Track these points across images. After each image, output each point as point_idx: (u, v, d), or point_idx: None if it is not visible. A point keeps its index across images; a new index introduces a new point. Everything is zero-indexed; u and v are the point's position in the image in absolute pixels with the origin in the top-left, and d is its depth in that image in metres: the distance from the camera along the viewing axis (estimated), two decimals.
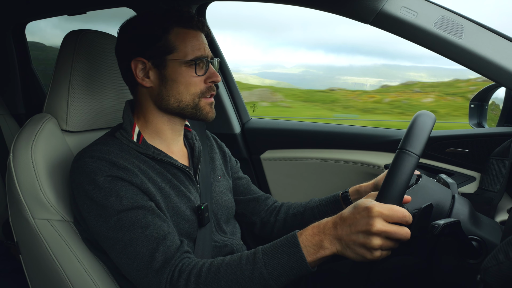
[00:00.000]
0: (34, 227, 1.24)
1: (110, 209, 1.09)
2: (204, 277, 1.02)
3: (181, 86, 1.23)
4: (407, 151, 0.98)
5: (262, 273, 0.98)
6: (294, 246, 0.98)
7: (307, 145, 2.11)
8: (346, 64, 27.64)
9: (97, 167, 1.12)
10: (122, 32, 1.27)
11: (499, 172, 1.59)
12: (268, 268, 0.98)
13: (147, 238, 1.08)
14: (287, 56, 46.30)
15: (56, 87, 1.35)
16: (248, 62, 30.54)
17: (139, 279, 1.07)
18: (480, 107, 2.05)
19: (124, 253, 1.08)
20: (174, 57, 1.21)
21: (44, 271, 1.29)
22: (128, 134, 1.25)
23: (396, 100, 12.24)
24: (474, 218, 1.12)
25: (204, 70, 1.26)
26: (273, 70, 23.46)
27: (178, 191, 1.25)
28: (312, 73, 15.87)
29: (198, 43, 1.24)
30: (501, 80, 1.22)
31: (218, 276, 1.01)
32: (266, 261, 0.99)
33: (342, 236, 0.95)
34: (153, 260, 1.06)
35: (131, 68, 1.24)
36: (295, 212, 1.55)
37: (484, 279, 0.75)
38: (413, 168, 0.98)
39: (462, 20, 1.25)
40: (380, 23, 1.29)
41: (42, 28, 4.04)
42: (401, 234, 0.92)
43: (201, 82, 1.25)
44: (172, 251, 1.08)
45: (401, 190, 0.98)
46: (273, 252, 1.00)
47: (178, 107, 1.25)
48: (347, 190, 1.47)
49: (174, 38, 1.22)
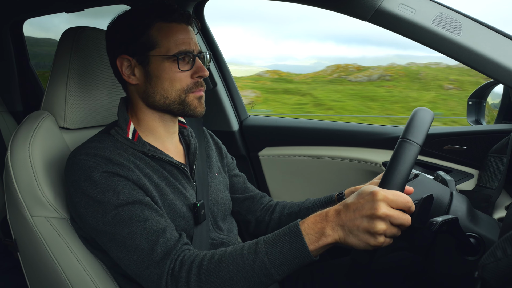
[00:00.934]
0: (32, 225, 1.24)
1: (107, 204, 1.09)
2: (205, 268, 1.01)
3: (165, 83, 1.21)
4: (408, 140, 0.98)
5: (264, 262, 0.98)
6: (296, 234, 0.98)
7: (305, 142, 2.11)
8: (358, 55, 27.61)
9: (93, 164, 1.12)
10: (108, 30, 1.26)
11: (497, 169, 1.59)
12: (270, 257, 0.98)
13: (146, 231, 1.07)
14: (298, 48, 45.83)
15: (54, 84, 1.34)
16: (260, 55, 30.41)
17: (139, 271, 1.07)
18: (478, 104, 2.06)
19: (124, 247, 1.08)
20: (156, 53, 1.20)
21: (42, 268, 1.29)
22: (123, 131, 1.24)
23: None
24: (472, 215, 1.13)
25: (190, 65, 1.23)
26: (285, 62, 23.36)
27: (174, 188, 1.25)
28: (324, 64, 15.89)
29: (182, 37, 1.22)
30: (499, 77, 1.22)
31: (219, 266, 1.01)
32: (268, 250, 0.99)
33: (346, 222, 0.94)
34: (154, 252, 1.05)
35: (118, 66, 1.23)
36: (290, 211, 1.55)
37: (482, 275, 0.75)
38: (415, 157, 0.98)
39: (460, 17, 1.25)
40: (378, 21, 1.28)
41: (56, 24, 4.04)
42: (404, 220, 0.92)
43: (187, 77, 1.23)
44: (173, 243, 1.08)
45: (403, 178, 0.98)
46: (275, 241, 1.00)
47: (164, 104, 1.24)
48: (342, 191, 1.46)
49: (156, 33, 1.20)
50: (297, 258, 0.97)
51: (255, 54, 31.84)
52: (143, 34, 1.19)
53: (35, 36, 3.60)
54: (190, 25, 1.27)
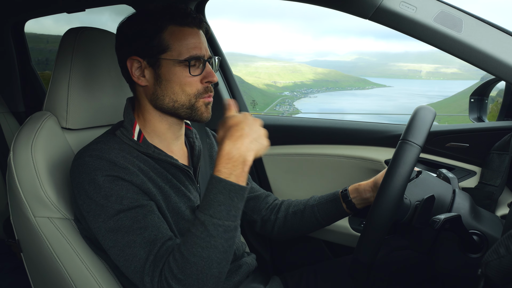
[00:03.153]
0: (35, 225, 1.24)
1: (109, 209, 1.09)
2: (175, 268, 1.02)
3: (176, 86, 1.20)
4: (409, 141, 0.99)
5: (215, 224, 1.01)
6: (218, 182, 1.03)
7: (307, 141, 2.11)
8: (401, 51, 27.26)
9: (97, 166, 1.12)
10: (119, 30, 1.25)
11: (499, 166, 1.59)
12: (215, 215, 1.02)
13: (145, 240, 1.08)
14: (338, 44, 47.06)
15: (56, 85, 1.35)
16: (301, 50, 30.49)
17: (137, 281, 1.08)
18: (480, 102, 2.05)
19: (122, 255, 1.08)
20: (168, 57, 1.19)
21: (45, 269, 1.29)
22: (128, 132, 1.24)
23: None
24: (474, 213, 1.13)
25: (201, 70, 1.22)
26: (325, 58, 23.24)
27: (178, 191, 1.25)
28: (365, 60, 15.61)
29: (193, 42, 1.21)
30: (501, 75, 1.22)
31: (186, 259, 1.02)
32: (209, 213, 1.02)
33: (236, 142, 1.06)
34: (147, 263, 1.06)
35: (128, 67, 1.22)
36: (295, 210, 1.55)
37: (485, 273, 0.75)
38: (416, 158, 0.98)
39: (462, 14, 1.25)
40: (380, 19, 1.28)
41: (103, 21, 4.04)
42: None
43: (197, 82, 1.22)
44: (162, 253, 1.08)
45: (403, 180, 0.98)
46: (207, 202, 1.03)
47: (173, 107, 1.23)
48: (346, 188, 1.46)
49: (168, 36, 1.19)
50: (235, 196, 1.03)
51: (296, 50, 31.89)
52: (155, 37, 1.18)
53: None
54: (202, 29, 1.27)
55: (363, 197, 1.42)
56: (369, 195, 1.41)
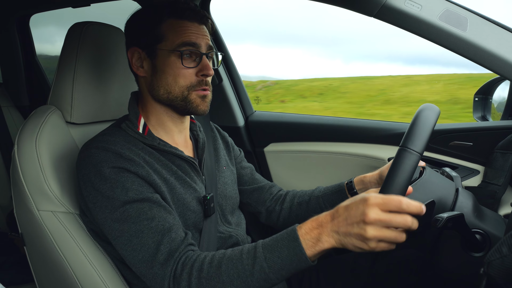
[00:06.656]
0: (39, 219, 1.25)
1: (115, 200, 1.10)
2: (206, 271, 1.02)
3: (169, 77, 1.22)
4: (408, 149, 0.98)
5: (262, 267, 0.99)
6: (294, 240, 0.98)
7: (310, 138, 2.11)
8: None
9: (104, 158, 1.13)
10: (126, 24, 1.29)
11: (503, 165, 1.59)
12: (269, 262, 0.99)
13: (153, 230, 1.08)
14: (369, 68, 46.77)
15: (61, 79, 1.35)
16: (333, 74, 30.45)
17: (144, 271, 1.08)
18: (484, 100, 2.05)
19: (130, 245, 1.09)
20: (163, 47, 1.21)
21: (48, 262, 1.30)
22: (133, 125, 1.25)
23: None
24: (477, 212, 1.12)
25: (196, 62, 1.24)
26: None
27: (183, 182, 1.26)
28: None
29: (189, 32, 1.22)
30: (505, 73, 1.22)
31: (220, 271, 1.01)
32: (266, 255, 0.99)
33: (339, 228, 0.94)
34: (158, 252, 1.06)
35: (129, 57, 1.26)
36: (300, 201, 1.56)
37: (488, 272, 0.75)
38: (415, 167, 0.98)
39: (467, 13, 1.25)
40: (385, 16, 1.28)
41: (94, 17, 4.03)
42: (401, 221, 0.89)
43: (191, 74, 1.23)
44: (177, 244, 1.08)
45: (402, 189, 0.98)
46: (273, 246, 1.00)
47: (167, 99, 1.24)
48: (351, 179, 1.47)
49: (166, 28, 1.21)
50: (295, 263, 0.98)
51: (327, 73, 31.85)
52: (154, 28, 1.21)
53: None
54: (204, 24, 1.28)
55: (368, 189, 1.42)
56: (374, 187, 1.41)
